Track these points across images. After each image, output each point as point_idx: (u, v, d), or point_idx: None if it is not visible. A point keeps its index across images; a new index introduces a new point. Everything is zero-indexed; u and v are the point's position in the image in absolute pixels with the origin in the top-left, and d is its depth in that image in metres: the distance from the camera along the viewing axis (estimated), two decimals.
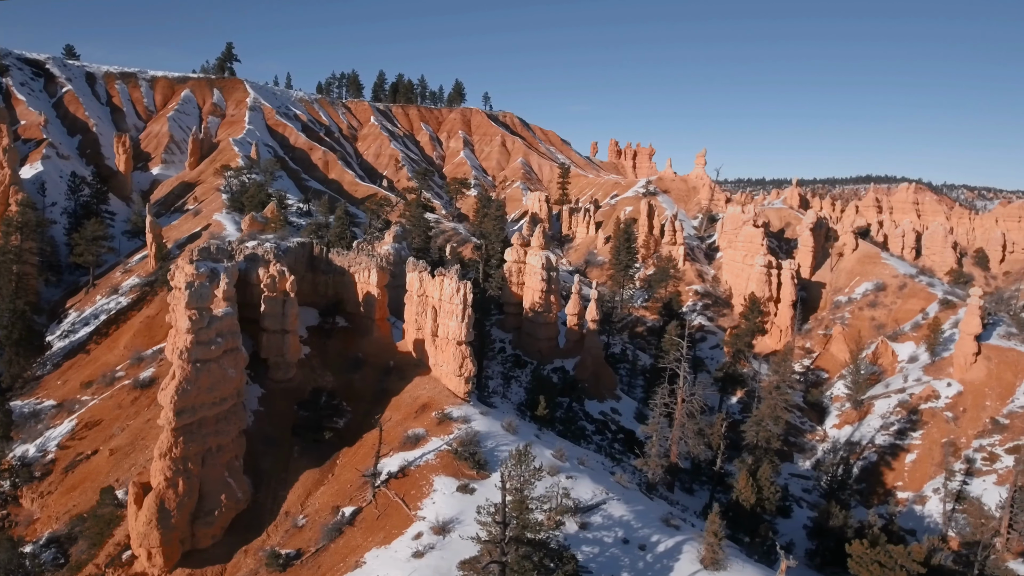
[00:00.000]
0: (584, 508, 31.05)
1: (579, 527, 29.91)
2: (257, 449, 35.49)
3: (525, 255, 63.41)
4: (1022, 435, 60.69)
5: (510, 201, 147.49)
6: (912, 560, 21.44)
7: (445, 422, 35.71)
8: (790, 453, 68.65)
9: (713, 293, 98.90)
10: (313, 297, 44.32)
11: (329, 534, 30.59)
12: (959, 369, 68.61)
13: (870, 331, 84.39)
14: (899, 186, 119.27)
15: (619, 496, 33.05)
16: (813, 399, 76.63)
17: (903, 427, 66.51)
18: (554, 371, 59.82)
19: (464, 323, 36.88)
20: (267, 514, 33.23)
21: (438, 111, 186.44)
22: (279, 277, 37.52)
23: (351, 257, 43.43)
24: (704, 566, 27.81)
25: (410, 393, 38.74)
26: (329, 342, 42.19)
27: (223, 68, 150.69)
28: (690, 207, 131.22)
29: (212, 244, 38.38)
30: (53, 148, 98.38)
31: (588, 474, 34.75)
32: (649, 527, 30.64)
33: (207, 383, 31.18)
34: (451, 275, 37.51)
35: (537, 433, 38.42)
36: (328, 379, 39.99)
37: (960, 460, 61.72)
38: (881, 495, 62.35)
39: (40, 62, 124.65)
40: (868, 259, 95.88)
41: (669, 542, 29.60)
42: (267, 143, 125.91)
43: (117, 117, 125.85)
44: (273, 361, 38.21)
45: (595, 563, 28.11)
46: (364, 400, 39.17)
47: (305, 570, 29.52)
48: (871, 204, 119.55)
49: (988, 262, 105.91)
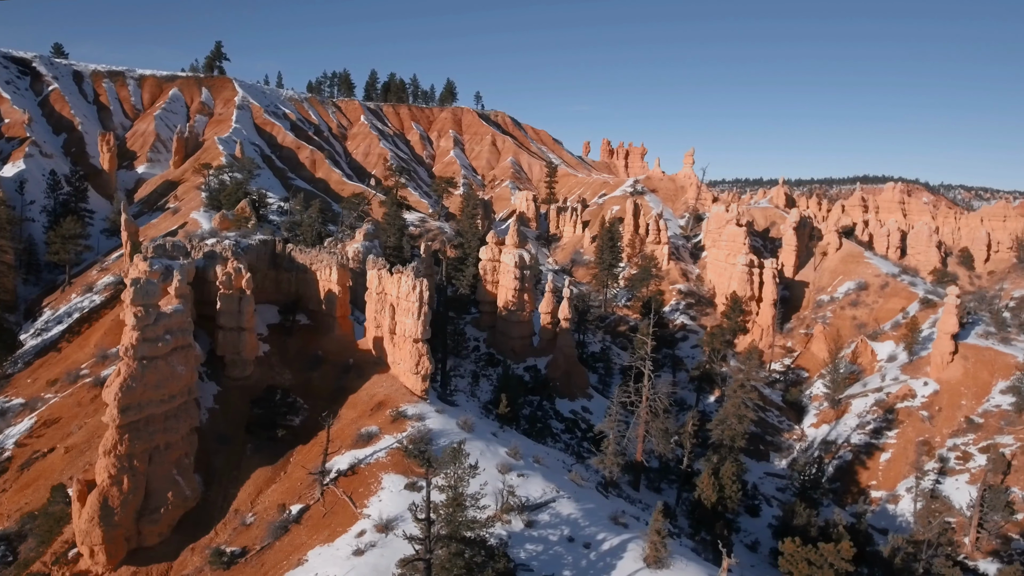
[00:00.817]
0: (532, 506, 30.93)
1: (525, 525, 29.79)
2: (210, 447, 35.35)
3: (500, 253, 63.30)
4: (996, 434, 60.61)
5: (499, 200, 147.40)
6: (840, 558, 21.31)
7: (399, 420, 35.59)
8: (766, 452, 68.62)
9: (696, 292, 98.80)
10: (276, 295, 44.19)
11: (275, 532, 30.46)
12: (936, 368, 68.54)
13: (851, 330, 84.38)
14: (885, 185, 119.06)
15: (570, 494, 32.92)
16: (792, 398, 76.59)
17: (879, 426, 66.43)
18: (527, 369, 59.70)
19: (420, 320, 36.74)
20: (217, 512, 33.09)
21: (429, 110, 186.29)
22: (235, 274, 37.38)
23: (313, 255, 43.30)
24: (647, 564, 27.67)
25: (367, 391, 38.63)
26: (289, 340, 42.06)
27: (212, 67, 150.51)
28: (677, 206, 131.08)
29: (168, 241, 38.24)
30: (36, 147, 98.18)
31: (542, 472, 34.62)
32: (597, 525, 30.51)
33: (154, 380, 31.04)
34: (408, 273, 37.37)
35: (495, 432, 38.29)
36: (286, 377, 39.87)
37: (934, 459, 61.66)
38: (855, 494, 62.27)
39: (26, 60, 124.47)
40: (851, 258, 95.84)
41: (615, 540, 29.46)
42: (254, 142, 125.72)
43: (104, 116, 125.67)
44: (229, 359, 38.08)
45: (537, 561, 27.99)
46: (322, 398, 39.05)
47: (249, 568, 29.39)
48: (857, 203, 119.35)
49: (973, 261, 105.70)
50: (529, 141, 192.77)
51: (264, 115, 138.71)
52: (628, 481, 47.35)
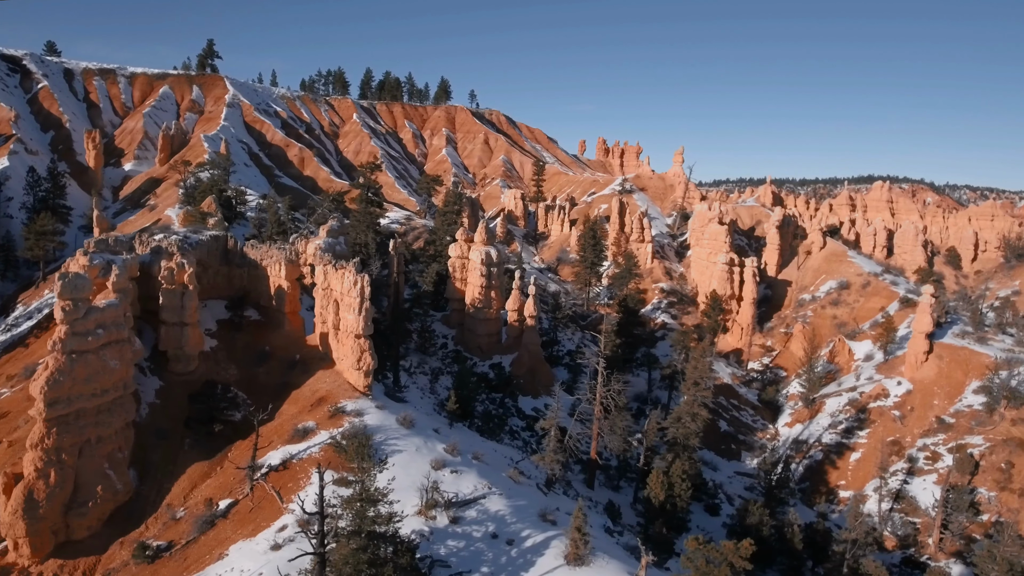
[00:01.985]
0: (460, 502, 30.79)
1: (450, 521, 29.65)
2: (148, 441, 35.36)
3: (468, 251, 63.17)
4: (966, 434, 60.12)
5: (489, 199, 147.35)
6: (738, 556, 21.13)
7: (337, 416, 35.51)
8: (738, 451, 68.28)
9: (679, 291, 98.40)
10: (228, 290, 44.19)
11: (201, 527, 30.42)
12: (910, 368, 68.07)
13: (831, 329, 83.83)
14: (873, 184, 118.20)
15: (504, 491, 32.77)
16: (767, 397, 76.21)
17: (851, 426, 66.02)
18: (492, 367, 59.53)
19: (362, 316, 36.64)
20: (150, 506, 33.09)
21: (423, 108, 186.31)
22: (177, 269, 37.39)
23: (264, 251, 43.29)
24: (567, 562, 27.51)
25: (310, 387, 38.59)
26: (238, 335, 42.06)
27: (204, 65, 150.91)
28: (666, 205, 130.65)
29: (110, 237, 38.29)
30: (21, 143, 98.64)
31: (478, 469, 34.47)
32: (524, 522, 30.36)
33: (84, 374, 31.05)
34: (350, 268, 37.30)
35: (439, 428, 38.15)
36: (232, 372, 39.86)
37: (903, 459, 61.24)
38: (824, 494, 61.90)
39: (17, 58, 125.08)
40: (835, 257, 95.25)
41: (539, 537, 29.31)
42: (242, 139, 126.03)
43: (93, 113, 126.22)
44: (172, 353, 38.09)
45: (456, 557, 27.87)
46: (266, 394, 39.00)
47: (172, 562, 29.38)
48: (845, 202, 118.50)
49: (960, 261, 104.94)
50: (523, 139, 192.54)
51: (254, 113, 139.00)
52: (583, 479, 47.20)
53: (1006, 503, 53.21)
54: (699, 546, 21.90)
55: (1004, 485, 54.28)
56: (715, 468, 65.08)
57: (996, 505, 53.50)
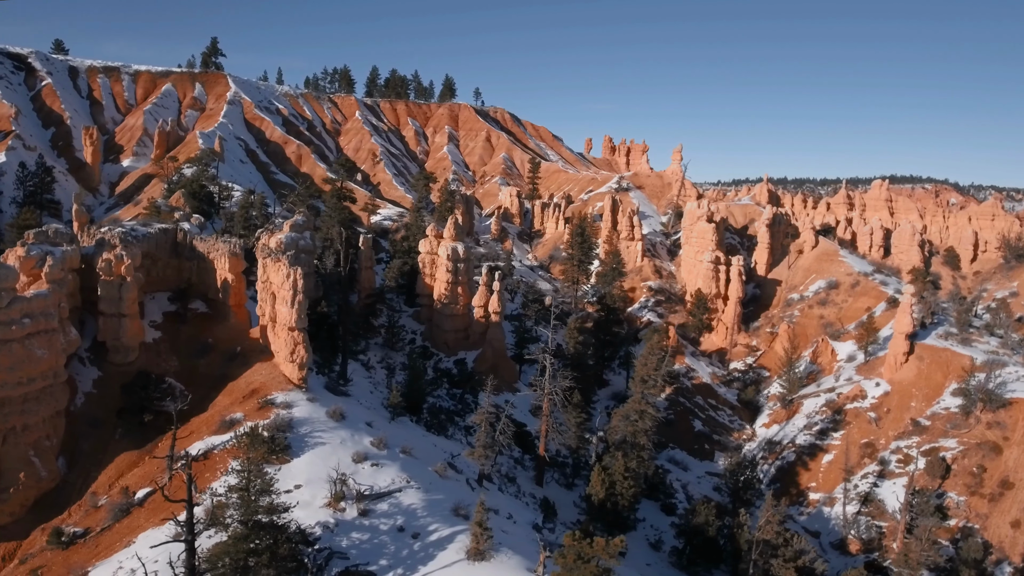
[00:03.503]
0: (373, 495, 30.70)
1: (359, 513, 29.57)
2: (81, 430, 35.80)
3: (438, 246, 63.14)
4: (941, 437, 58.77)
5: (488, 196, 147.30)
6: (607, 552, 20.79)
7: (266, 408, 35.62)
8: (711, 451, 67.42)
9: (667, 289, 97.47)
10: (178, 283, 44.57)
11: (117, 514, 30.69)
12: (889, 369, 66.74)
13: (818, 329, 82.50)
14: (872, 183, 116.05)
15: (422, 485, 32.62)
16: (747, 397, 75.21)
17: (826, 427, 64.90)
18: (456, 363, 59.47)
19: (295, 309, 36.73)
20: (75, 494, 33.47)
21: (427, 106, 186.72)
22: (115, 261, 37.77)
23: (210, 244, 43.59)
24: (467, 556, 27.32)
25: (246, 378, 38.77)
26: (183, 327, 42.40)
27: (208, 63, 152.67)
28: (663, 203, 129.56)
29: (50, 228, 38.79)
30: (20, 140, 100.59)
31: (403, 463, 34.36)
32: (435, 516, 30.18)
33: (7, 363, 31.47)
34: (283, 261, 37.43)
35: (371, 421, 38.05)
36: (173, 364, 40.21)
37: (875, 462, 60.06)
38: (794, 495, 60.93)
39: (22, 56, 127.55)
40: (826, 256, 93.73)
41: (446, 532, 29.12)
42: (240, 136, 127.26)
43: (95, 110, 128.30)
44: (111, 344, 38.50)
45: (357, 549, 27.79)
46: (204, 385, 39.28)
47: (84, 548, 29.68)
48: (842, 201, 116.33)
49: (959, 261, 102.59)
50: (527, 138, 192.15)
51: (255, 110, 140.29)
52: (532, 476, 46.94)
53: (975, 508, 52.01)
54: (574, 541, 21.57)
55: (974, 489, 53.04)
56: (686, 468, 64.44)
57: (965, 510, 52.32)
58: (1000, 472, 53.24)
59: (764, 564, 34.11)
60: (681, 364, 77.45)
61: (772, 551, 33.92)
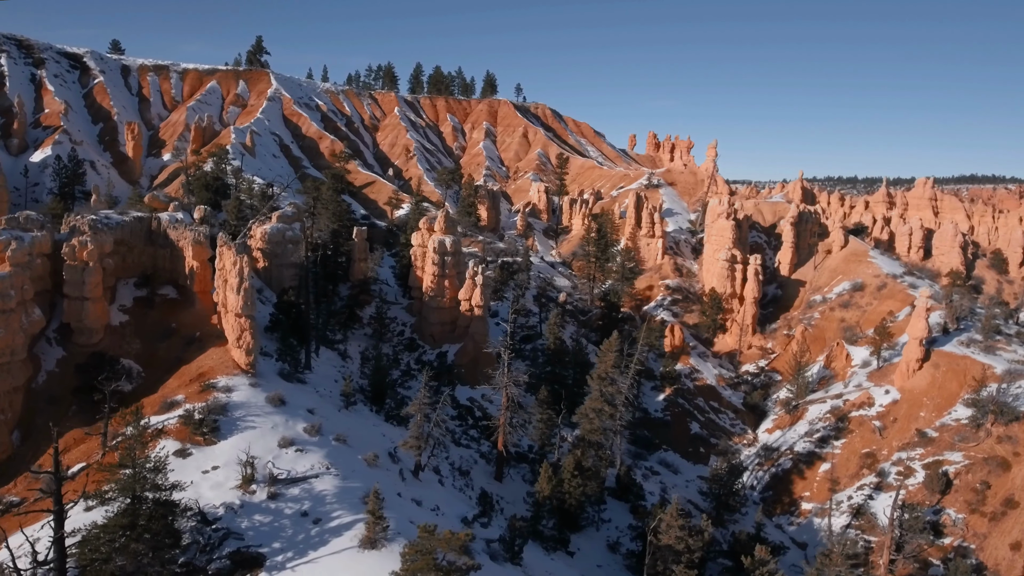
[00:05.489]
0: (287, 480, 31.07)
1: (268, 497, 29.96)
2: (39, 406, 37.57)
3: (428, 239, 63.34)
4: (947, 450, 55.17)
5: (519, 192, 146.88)
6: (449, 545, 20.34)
7: (207, 391, 36.50)
8: (707, 455, 65.20)
9: (685, 288, 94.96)
10: (152, 269, 46.21)
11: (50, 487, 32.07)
12: (900, 376, 63.17)
13: (837, 333, 78.64)
14: (916, 181, 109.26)
15: (343, 472, 32.75)
16: (752, 401, 72.47)
17: (827, 434, 61.93)
18: (439, 355, 59.54)
19: (241, 296, 37.47)
20: (24, 466, 35.16)
21: (467, 102, 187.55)
22: (79, 246, 39.47)
23: (180, 232, 45.01)
24: (359, 544, 27.30)
25: (199, 363, 39.83)
26: (151, 312, 43.90)
27: (252, 61, 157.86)
28: (694, 201, 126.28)
29: (22, 214, 40.83)
30: (67, 134, 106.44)
31: (331, 450, 34.56)
32: (343, 504, 30.23)
33: None
34: (231, 248, 38.26)
35: (313, 408, 38.51)
36: (135, 346, 41.71)
37: (874, 473, 56.89)
38: (787, 504, 58.48)
39: (78, 55, 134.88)
40: (854, 257, 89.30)
41: (348, 519, 29.12)
42: (275, 132, 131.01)
43: (143, 107, 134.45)
44: (75, 326, 40.24)
45: (254, 531, 28.14)
46: (162, 368, 40.58)
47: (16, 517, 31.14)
48: (882, 200, 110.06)
49: (1006, 264, 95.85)
50: (568, 133, 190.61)
51: (293, 106, 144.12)
52: (491, 472, 46.56)
53: (973, 527, 48.67)
54: (425, 534, 21.23)
55: (975, 507, 49.62)
56: (676, 471, 62.68)
57: (962, 528, 48.97)
58: (1005, 490, 49.60)
59: (664, 570, 32.64)
60: (685, 364, 75.34)
61: (675, 556, 32.45)
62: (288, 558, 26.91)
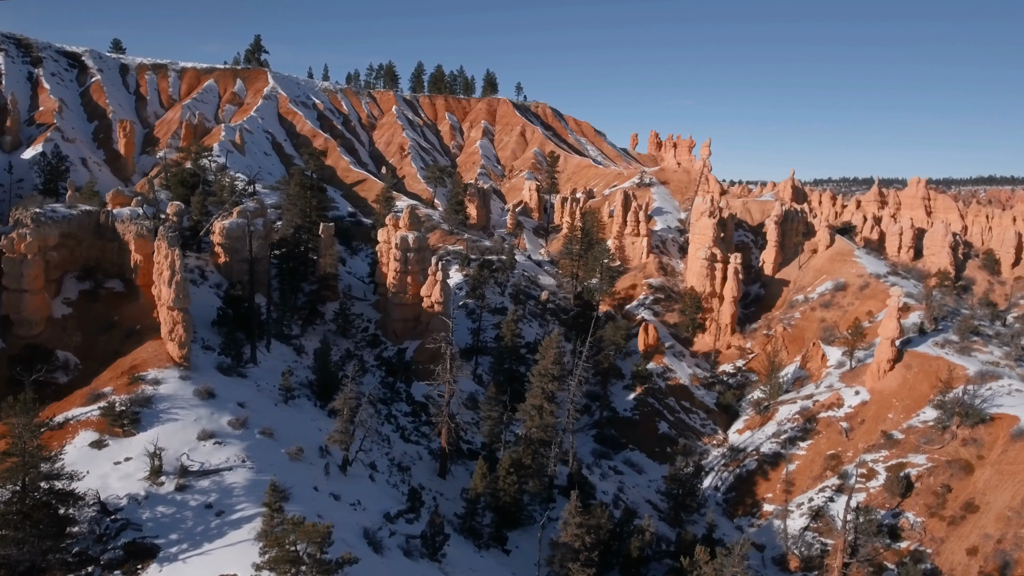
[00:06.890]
0: (197, 472, 30.99)
1: (176, 489, 29.89)
2: None
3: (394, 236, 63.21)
4: (911, 452, 54.05)
5: (513, 190, 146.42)
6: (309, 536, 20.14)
7: (135, 383, 36.54)
8: (673, 455, 64.33)
9: (667, 287, 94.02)
10: (102, 263, 46.47)
11: None
12: (871, 376, 62.09)
13: (816, 333, 77.47)
14: (909, 180, 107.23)
15: (258, 466, 32.61)
16: (725, 401, 71.54)
17: (794, 435, 61.01)
18: (399, 352, 59.38)
19: (173, 288, 37.54)
20: None
21: (466, 101, 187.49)
22: (17, 239, 39.78)
23: (126, 226, 45.23)
24: (255, 537, 27.11)
25: (134, 355, 39.91)
26: (95, 305, 44.11)
27: (251, 60, 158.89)
28: (687, 199, 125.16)
29: None
30: (59, 132, 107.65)
31: (252, 443, 34.42)
32: (250, 497, 30.03)
33: None
34: (161, 242, 38.34)
35: (243, 402, 38.41)
36: (76, 339, 41.94)
37: (836, 475, 55.89)
38: (748, 506, 57.67)
39: (77, 54, 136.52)
40: (839, 257, 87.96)
41: (251, 512, 28.90)
42: (268, 130, 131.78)
43: (140, 105, 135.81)
44: (14, 318, 40.53)
45: (155, 522, 28.08)
46: (100, 360, 40.67)
47: None
48: (873, 199, 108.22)
49: (998, 265, 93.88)
50: (567, 132, 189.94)
51: (289, 104, 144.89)
52: (436, 468, 46.25)
53: (931, 531, 47.62)
54: (290, 526, 21.01)
55: (935, 511, 48.57)
56: (640, 471, 62.11)
57: (920, 532, 47.94)
58: (966, 494, 48.45)
59: (561, 569, 32.10)
60: (659, 364, 74.57)
61: (573, 555, 31.89)
62: (182, 549, 26.81)
